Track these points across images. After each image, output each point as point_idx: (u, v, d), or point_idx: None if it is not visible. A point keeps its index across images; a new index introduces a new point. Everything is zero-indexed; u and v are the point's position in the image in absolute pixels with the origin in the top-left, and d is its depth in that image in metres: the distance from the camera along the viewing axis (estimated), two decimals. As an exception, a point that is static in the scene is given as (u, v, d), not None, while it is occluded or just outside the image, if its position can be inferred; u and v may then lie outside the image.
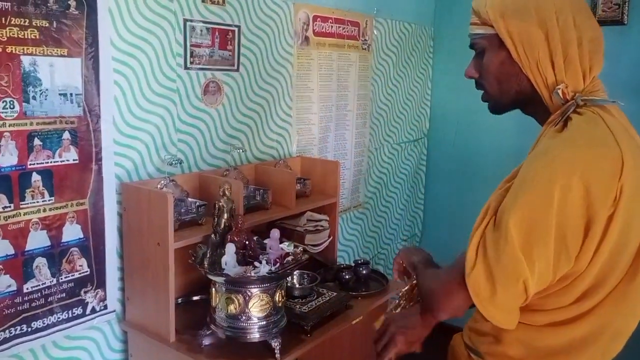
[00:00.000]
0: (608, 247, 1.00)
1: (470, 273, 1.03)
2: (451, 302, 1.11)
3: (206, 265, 1.69)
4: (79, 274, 1.78)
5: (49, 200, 1.67)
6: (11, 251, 1.61)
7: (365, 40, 2.96)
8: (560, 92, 1.08)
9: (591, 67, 1.09)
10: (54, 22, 1.61)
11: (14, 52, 1.54)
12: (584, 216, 0.97)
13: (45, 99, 1.63)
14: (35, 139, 1.62)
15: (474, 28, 1.18)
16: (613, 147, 1.00)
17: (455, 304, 1.10)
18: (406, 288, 1.46)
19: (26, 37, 1.56)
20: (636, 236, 1.04)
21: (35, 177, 1.64)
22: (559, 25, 1.07)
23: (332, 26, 2.72)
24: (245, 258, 1.73)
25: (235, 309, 1.66)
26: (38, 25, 1.58)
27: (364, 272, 2.30)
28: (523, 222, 0.98)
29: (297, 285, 2.05)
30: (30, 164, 1.62)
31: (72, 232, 1.74)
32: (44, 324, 1.71)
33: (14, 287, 1.62)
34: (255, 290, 1.65)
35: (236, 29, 2.20)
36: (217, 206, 1.74)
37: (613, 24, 2.93)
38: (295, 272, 2.06)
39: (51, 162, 1.66)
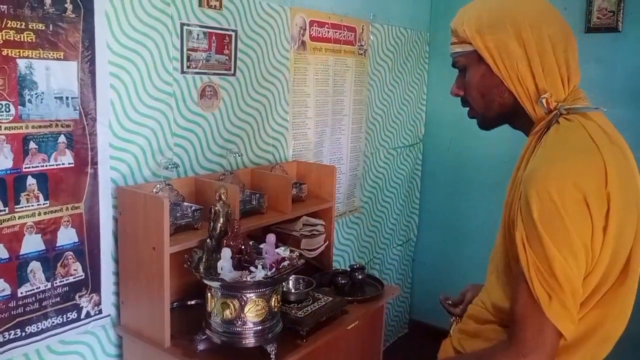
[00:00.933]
0: (607, 256, 1.02)
1: (549, 309, 1.01)
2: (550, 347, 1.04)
3: (202, 270, 1.68)
4: (74, 278, 1.77)
5: (43, 204, 1.66)
6: (5, 255, 1.60)
7: (361, 45, 2.97)
8: (544, 101, 1.10)
9: (569, 76, 1.12)
10: (51, 25, 1.61)
11: (10, 55, 1.54)
12: (588, 220, 0.98)
13: (41, 102, 1.62)
14: (31, 142, 1.61)
15: (454, 47, 1.21)
16: (596, 154, 1.02)
17: (551, 345, 1.04)
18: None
19: (22, 40, 1.56)
20: (628, 243, 1.05)
21: (31, 181, 1.63)
22: (533, 35, 1.10)
23: (328, 31, 2.73)
24: (241, 263, 1.73)
25: (231, 313, 1.65)
26: (34, 28, 1.58)
27: (360, 277, 2.30)
28: (553, 241, 0.98)
29: (292, 290, 2.04)
30: (25, 168, 1.61)
31: (67, 236, 1.73)
32: (38, 328, 1.69)
33: (8, 292, 1.61)
34: (251, 295, 1.65)
35: (233, 34, 2.20)
36: (213, 210, 1.73)
37: (608, 31, 2.95)
38: (291, 277, 2.05)
39: (46, 165, 1.66)
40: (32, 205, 1.64)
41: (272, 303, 1.70)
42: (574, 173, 0.99)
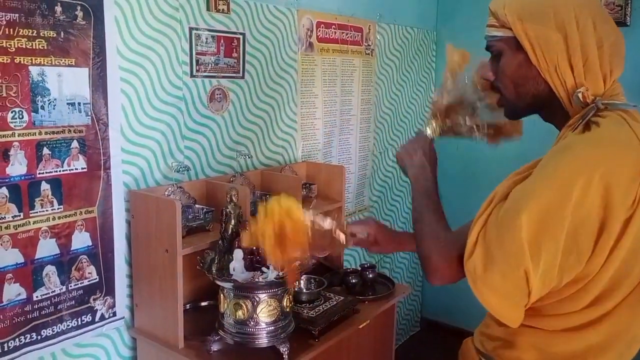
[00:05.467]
0: (623, 251, 0.99)
1: (469, 259, 1.03)
2: (445, 273, 1.12)
3: (214, 271, 1.70)
4: (88, 281, 1.79)
5: (58, 209, 1.69)
6: (21, 260, 1.62)
7: (368, 45, 2.98)
8: (580, 95, 1.06)
9: (612, 70, 1.09)
10: (62, 32, 1.63)
11: (22, 62, 1.56)
12: (599, 216, 0.96)
13: (54, 109, 1.64)
14: (44, 148, 1.64)
15: (491, 30, 1.16)
16: (636, 149, 1.00)
17: (448, 274, 1.12)
18: None
19: (34, 47, 1.58)
20: None
21: (45, 186, 1.65)
22: (578, 29, 1.06)
23: (335, 32, 2.73)
24: (253, 264, 1.74)
25: (244, 314, 1.66)
26: (46, 35, 1.60)
27: (371, 275, 2.31)
28: (537, 215, 0.97)
29: (304, 290, 2.05)
30: (39, 173, 1.64)
31: (81, 239, 1.75)
32: (53, 331, 1.72)
33: (23, 296, 1.64)
34: (263, 296, 1.66)
35: (241, 37, 2.22)
36: (224, 212, 1.75)
37: (617, 26, 2.93)
38: (302, 277, 2.06)
39: (60, 171, 1.68)
40: (46, 210, 1.66)
41: (284, 303, 1.71)
42: (606, 160, 0.96)
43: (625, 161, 0.98)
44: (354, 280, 2.24)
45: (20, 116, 1.57)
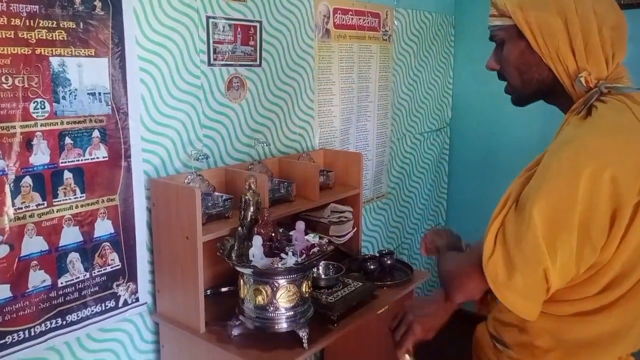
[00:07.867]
0: (635, 237, 1.00)
1: (489, 260, 1.04)
2: (466, 285, 1.12)
3: (234, 258, 1.72)
4: (111, 268, 1.83)
5: (80, 197, 1.72)
6: (45, 247, 1.66)
7: (385, 31, 2.96)
8: (583, 79, 1.07)
9: (614, 54, 1.09)
10: (81, 23, 1.65)
11: (43, 53, 1.58)
12: (610, 206, 0.97)
13: (75, 99, 1.67)
14: (66, 137, 1.66)
15: (493, 20, 1.18)
16: (639, 134, 1.00)
17: (470, 287, 1.12)
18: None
19: (54, 38, 1.60)
20: None
21: (67, 175, 1.68)
22: (577, 13, 1.07)
23: (352, 18, 2.72)
24: (272, 250, 1.76)
25: (263, 300, 1.68)
26: (65, 26, 1.62)
27: (389, 262, 2.31)
28: (547, 211, 0.98)
29: (322, 276, 2.07)
30: (62, 162, 1.67)
31: (103, 227, 1.79)
32: (78, 317, 1.76)
33: (48, 282, 1.67)
34: (282, 282, 1.68)
35: (257, 25, 2.22)
36: (243, 199, 1.76)
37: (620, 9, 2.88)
38: (320, 263, 2.08)
39: (82, 160, 1.71)
40: (69, 199, 1.69)
41: (303, 289, 1.73)
42: (609, 150, 0.97)
43: (628, 148, 0.98)
44: (372, 266, 2.25)
45: (42, 106, 1.60)
